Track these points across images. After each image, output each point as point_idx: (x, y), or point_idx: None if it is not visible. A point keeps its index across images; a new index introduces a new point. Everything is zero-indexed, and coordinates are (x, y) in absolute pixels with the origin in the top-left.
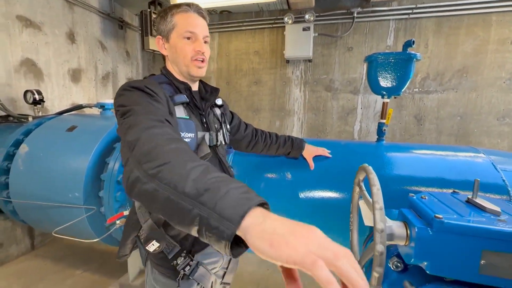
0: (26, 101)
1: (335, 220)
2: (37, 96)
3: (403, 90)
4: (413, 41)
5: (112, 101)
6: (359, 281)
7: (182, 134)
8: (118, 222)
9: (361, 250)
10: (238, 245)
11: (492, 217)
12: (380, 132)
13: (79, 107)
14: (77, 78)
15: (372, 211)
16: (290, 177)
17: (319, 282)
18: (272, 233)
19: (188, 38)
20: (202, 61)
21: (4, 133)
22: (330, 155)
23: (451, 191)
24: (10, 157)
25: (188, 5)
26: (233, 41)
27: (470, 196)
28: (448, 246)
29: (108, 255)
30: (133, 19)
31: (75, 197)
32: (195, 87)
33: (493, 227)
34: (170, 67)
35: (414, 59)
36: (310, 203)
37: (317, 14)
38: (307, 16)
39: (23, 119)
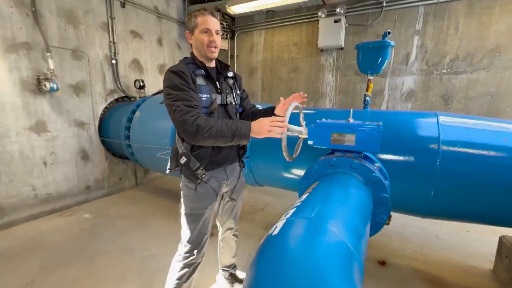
0: (135, 87)
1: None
2: (141, 83)
3: (382, 69)
4: (389, 32)
5: None
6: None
7: (201, 95)
8: None
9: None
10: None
11: (344, 121)
12: (365, 101)
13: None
14: (162, 71)
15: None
16: None
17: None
18: (254, 132)
19: (205, 32)
20: (215, 47)
21: (125, 106)
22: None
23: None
24: (130, 120)
25: (206, 9)
26: (276, 36)
27: (349, 119)
28: (319, 132)
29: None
30: None
31: (165, 142)
32: (212, 64)
33: (332, 122)
34: (194, 51)
35: (389, 46)
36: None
37: (349, 6)
38: (338, 9)
39: (133, 98)
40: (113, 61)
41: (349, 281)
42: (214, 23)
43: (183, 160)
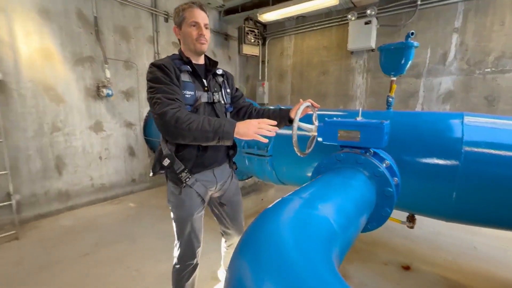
0: None
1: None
2: None
3: (405, 70)
4: (412, 33)
5: None
6: (267, 122)
7: (184, 92)
8: None
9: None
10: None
11: (352, 120)
12: (388, 103)
13: None
14: None
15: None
16: None
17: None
18: (239, 132)
19: (193, 26)
20: (205, 41)
21: None
22: (316, 105)
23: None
24: None
25: (193, 2)
26: (306, 40)
27: (357, 118)
28: (327, 130)
29: None
30: (234, 32)
31: None
32: (201, 60)
33: (339, 120)
34: (182, 47)
35: (412, 47)
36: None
37: (381, 7)
38: (368, 11)
39: None
40: None
41: (324, 254)
42: (202, 16)
43: (166, 162)
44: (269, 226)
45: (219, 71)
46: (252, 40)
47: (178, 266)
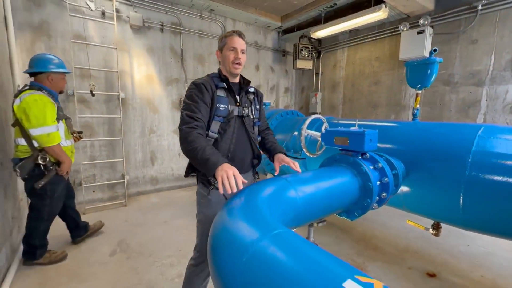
0: None
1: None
2: None
3: (430, 84)
4: (435, 49)
5: (269, 101)
6: (236, 180)
7: (219, 105)
8: None
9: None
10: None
11: (343, 129)
12: (413, 114)
13: None
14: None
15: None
16: None
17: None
18: (218, 172)
19: (232, 50)
20: (239, 64)
21: None
22: (297, 169)
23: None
24: None
25: (234, 31)
26: (359, 52)
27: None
28: (327, 136)
29: None
30: (291, 48)
31: None
32: (236, 79)
33: (335, 129)
34: (221, 67)
35: (435, 63)
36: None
37: (436, 16)
38: (421, 21)
39: None
40: None
41: (277, 208)
42: (240, 43)
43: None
44: (258, 186)
45: (251, 89)
46: (306, 55)
47: (196, 267)
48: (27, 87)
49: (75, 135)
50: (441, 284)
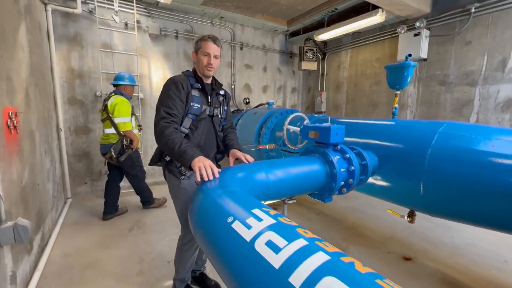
0: (243, 102)
1: None
2: (247, 100)
3: (407, 85)
4: (410, 54)
5: (273, 101)
6: (212, 170)
7: (193, 104)
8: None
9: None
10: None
11: (315, 124)
12: (392, 113)
13: (260, 104)
14: (265, 90)
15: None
16: None
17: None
18: (195, 163)
19: (205, 55)
20: (212, 68)
21: (236, 116)
22: (250, 161)
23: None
24: (236, 124)
25: (210, 37)
26: (361, 53)
27: (324, 124)
28: (304, 131)
29: None
30: (297, 50)
31: (251, 139)
32: (208, 81)
33: (309, 125)
34: (196, 68)
35: (411, 66)
36: None
37: (432, 18)
38: (417, 24)
39: (242, 110)
40: (232, 86)
41: (250, 184)
42: (214, 49)
43: (168, 157)
44: (235, 167)
45: (222, 92)
46: (311, 57)
47: (184, 245)
48: (113, 93)
49: (139, 127)
50: (414, 266)
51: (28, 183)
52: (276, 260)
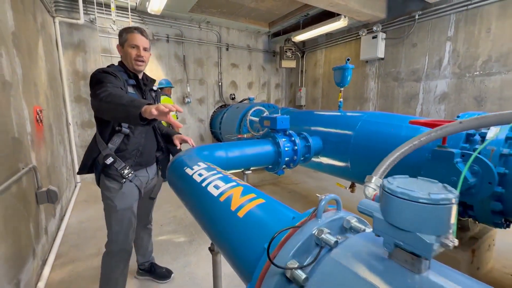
0: (230, 98)
1: None
2: (233, 96)
3: (348, 83)
4: (348, 58)
5: (253, 96)
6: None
7: None
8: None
9: None
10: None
11: (268, 115)
12: (338, 106)
13: (243, 100)
14: (250, 87)
15: None
16: None
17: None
18: (147, 107)
19: (133, 47)
20: (142, 61)
21: (222, 110)
22: (192, 143)
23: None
24: (222, 118)
25: (136, 28)
26: (333, 52)
27: (276, 115)
28: (261, 120)
29: None
30: (279, 49)
31: (233, 131)
32: (140, 76)
33: (265, 115)
34: (124, 62)
35: (349, 69)
36: None
37: (387, 23)
38: (374, 28)
39: (227, 105)
40: (220, 84)
41: (211, 161)
42: (142, 41)
43: (109, 160)
44: (202, 146)
45: (155, 88)
46: (290, 56)
47: (112, 254)
48: (160, 94)
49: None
50: None
51: (50, 165)
52: (217, 192)
